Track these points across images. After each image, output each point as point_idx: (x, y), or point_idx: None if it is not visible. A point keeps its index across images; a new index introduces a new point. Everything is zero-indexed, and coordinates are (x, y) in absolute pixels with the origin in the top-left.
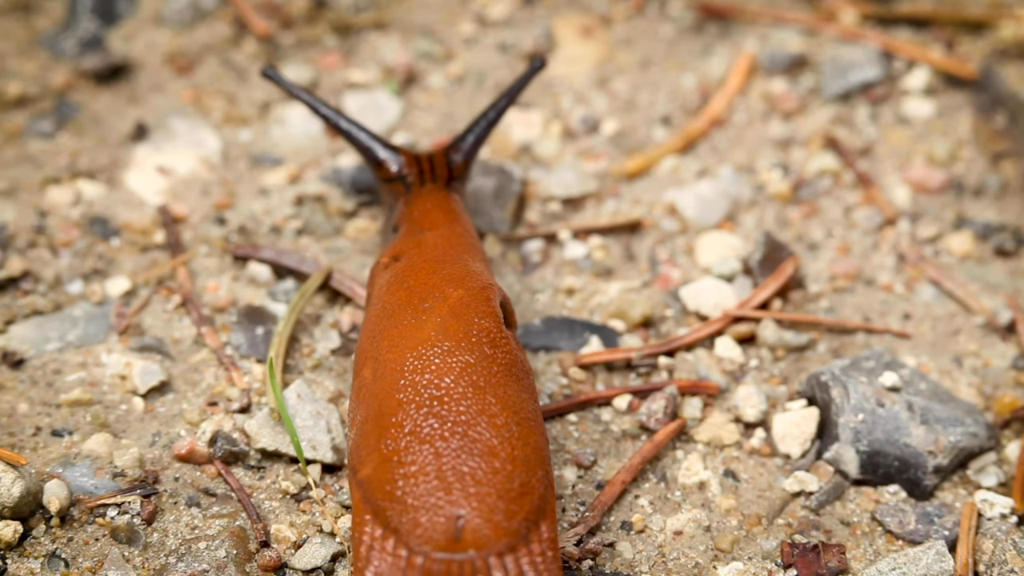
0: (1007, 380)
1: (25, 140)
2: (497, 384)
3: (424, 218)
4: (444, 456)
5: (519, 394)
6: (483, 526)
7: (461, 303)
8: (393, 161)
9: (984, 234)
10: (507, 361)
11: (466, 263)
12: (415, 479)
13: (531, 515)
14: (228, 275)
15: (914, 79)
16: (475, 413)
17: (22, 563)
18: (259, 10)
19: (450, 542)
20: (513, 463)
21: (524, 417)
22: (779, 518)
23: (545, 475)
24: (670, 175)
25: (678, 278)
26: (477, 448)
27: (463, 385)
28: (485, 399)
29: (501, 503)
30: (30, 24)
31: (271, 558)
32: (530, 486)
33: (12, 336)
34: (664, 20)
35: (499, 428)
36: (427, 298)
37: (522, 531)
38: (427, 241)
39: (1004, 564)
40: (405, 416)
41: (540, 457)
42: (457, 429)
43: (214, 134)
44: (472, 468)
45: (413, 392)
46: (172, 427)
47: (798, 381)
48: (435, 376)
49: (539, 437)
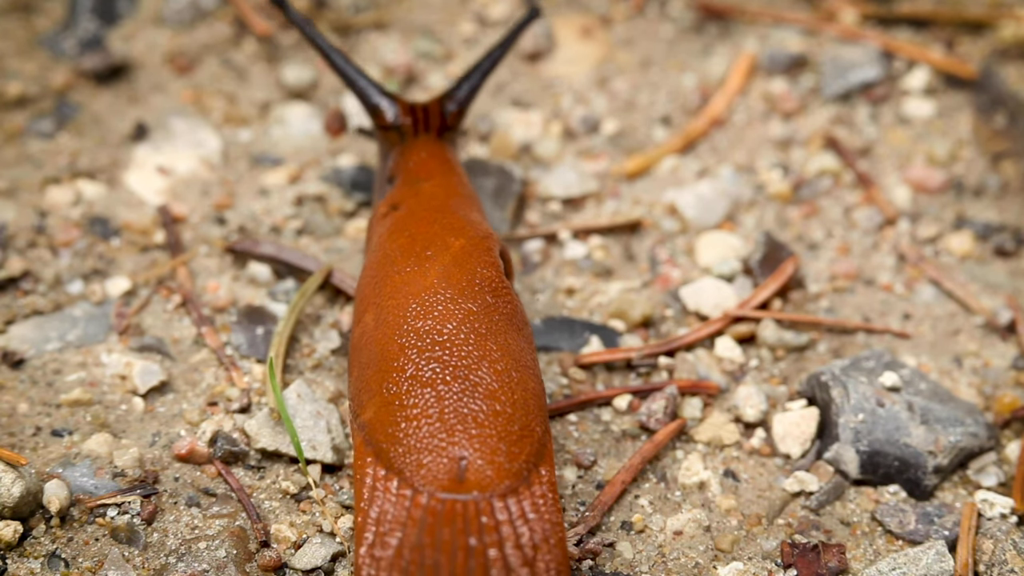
0: (1007, 380)
1: (25, 140)
2: (498, 332)
3: (420, 168)
4: (446, 399)
5: (519, 343)
6: (486, 467)
7: (463, 252)
8: (389, 108)
9: (984, 234)
10: (508, 311)
11: (465, 212)
12: (417, 421)
13: (531, 457)
14: (228, 275)
15: (914, 79)
16: (476, 358)
17: (22, 563)
18: (259, 10)
19: (453, 483)
20: (513, 407)
21: (523, 364)
22: (779, 518)
23: (543, 421)
24: (670, 175)
25: (678, 278)
26: (478, 392)
27: (465, 332)
28: (486, 345)
29: (503, 445)
30: (30, 24)
31: (271, 558)
32: (530, 429)
33: (12, 336)
34: (664, 20)
35: (499, 373)
36: (429, 246)
37: (523, 473)
38: (425, 191)
39: (1004, 564)
40: (407, 360)
41: (539, 403)
42: (459, 373)
43: (214, 134)
44: (474, 411)
45: (415, 337)
46: (172, 427)
47: (798, 381)
48: (437, 323)
49: (537, 384)
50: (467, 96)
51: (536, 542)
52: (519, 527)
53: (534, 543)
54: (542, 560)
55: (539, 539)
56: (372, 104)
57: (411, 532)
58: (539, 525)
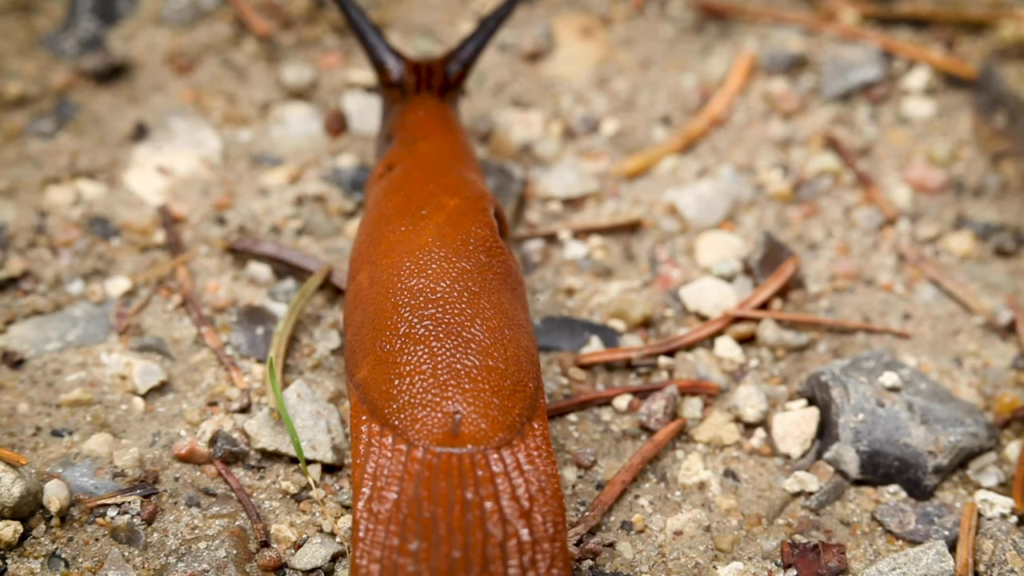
0: (1007, 380)
1: (25, 140)
2: (491, 290)
3: (417, 127)
4: (439, 355)
5: (512, 302)
6: (480, 421)
7: (458, 211)
8: (394, 65)
9: (984, 234)
10: (502, 270)
11: (460, 172)
12: (410, 378)
13: (524, 411)
14: (228, 275)
15: (914, 79)
16: (469, 316)
17: (22, 563)
18: (259, 10)
19: (448, 437)
20: (506, 362)
21: (516, 322)
22: (779, 518)
23: (536, 377)
24: (670, 175)
25: (678, 278)
26: (471, 348)
27: (458, 290)
28: (479, 303)
29: (496, 399)
30: (30, 24)
31: (271, 558)
32: (522, 384)
33: (12, 336)
34: (664, 20)
35: (492, 330)
36: (424, 205)
37: (517, 425)
38: (420, 150)
39: (1004, 564)
40: (400, 319)
41: (531, 360)
42: (452, 330)
43: (214, 134)
44: (467, 366)
45: (409, 296)
46: (172, 427)
47: (798, 381)
48: (430, 281)
49: (530, 342)
50: (471, 55)
51: (532, 493)
52: (515, 479)
53: (530, 494)
54: (539, 511)
55: (535, 490)
56: (378, 60)
57: (408, 486)
58: (534, 476)
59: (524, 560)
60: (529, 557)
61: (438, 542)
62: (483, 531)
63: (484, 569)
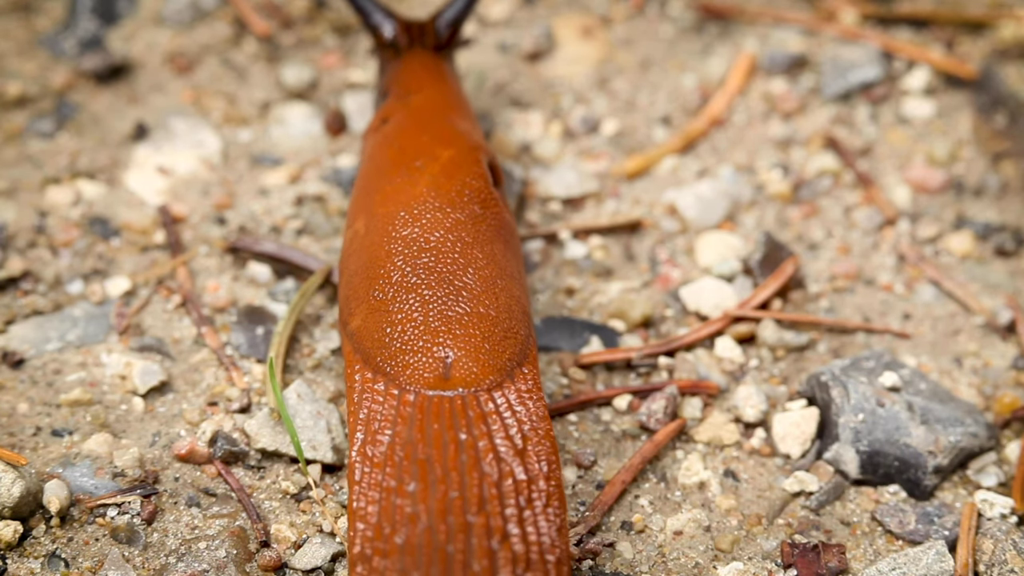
0: (1007, 380)
1: (25, 140)
2: (485, 241)
3: (411, 80)
4: (431, 303)
5: (505, 253)
6: (471, 365)
7: (452, 163)
8: (387, 26)
9: (984, 234)
10: (496, 222)
11: (454, 123)
12: (402, 325)
13: (515, 356)
14: (228, 275)
15: (914, 79)
16: (462, 265)
17: (22, 563)
18: (259, 10)
19: (439, 380)
20: (497, 310)
21: (509, 273)
22: (779, 518)
23: (528, 326)
24: (670, 175)
25: (678, 278)
26: (463, 296)
27: (451, 240)
28: (472, 253)
29: (486, 344)
30: (30, 24)
31: (271, 558)
32: (513, 331)
33: (12, 336)
34: (664, 20)
35: (485, 279)
36: (418, 156)
37: (507, 369)
38: (414, 103)
39: (1004, 564)
40: (393, 267)
41: (523, 310)
42: (444, 279)
43: (214, 134)
44: (458, 313)
45: (402, 245)
46: (172, 427)
47: (798, 381)
48: (424, 231)
49: (522, 293)
50: (462, 11)
51: (525, 432)
52: (507, 419)
53: (523, 434)
54: (532, 450)
55: (527, 430)
56: (371, 22)
57: (401, 429)
58: (526, 416)
59: (521, 499)
60: (525, 496)
61: (434, 482)
62: (479, 471)
63: (481, 508)
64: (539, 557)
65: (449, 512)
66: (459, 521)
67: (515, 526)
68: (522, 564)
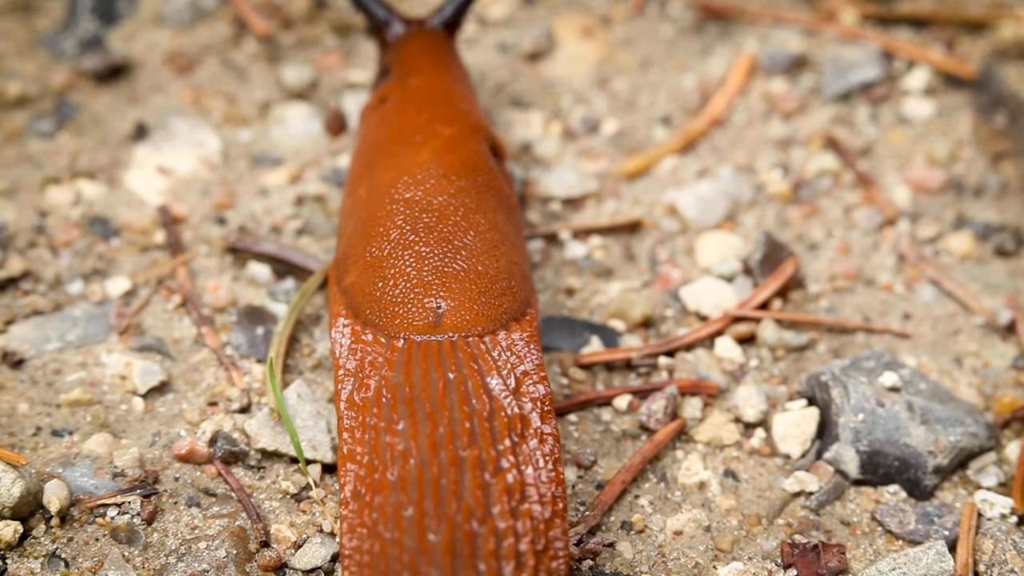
0: (1007, 380)
1: (25, 140)
2: (487, 209)
3: (411, 62)
4: (427, 259)
5: (506, 223)
6: (463, 313)
7: (453, 139)
8: (388, 22)
9: (984, 234)
10: (500, 194)
11: (455, 104)
12: (395, 280)
13: (511, 312)
14: (228, 275)
15: (914, 79)
16: (464, 227)
17: (22, 563)
18: (259, 10)
19: (428, 327)
20: (496, 271)
21: (511, 241)
22: (779, 518)
23: (528, 290)
24: (670, 175)
25: (678, 278)
26: (462, 255)
27: (455, 204)
28: (474, 218)
29: (482, 297)
30: (30, 24)
31: (271, 558)
32: (512, 290)
33: (12, 336)
34: (664, 20)
35: (486, 242)
36: (418, 133)
37: (502, 320)
38: (413, 84)
39: (1004, 564)
40: (393, 225)
41: (523, 275)
42: (443, 238)
43: (214, 134)
44: (455, 270)
45: (404, 205)
46: (172, 427)
47: (798, 381)
48: (427, 194)
49: (523, 261)
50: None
51: (518, 375)
52: (499, 360)
53: (516, 376)
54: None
55: (520, 372)
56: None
57: (389, 374)
58: (519, 360)
59: (513, 435)
60: (518, 432)
61: (424, 419)
62: (468, 406)
63: (472, 443)
64: (535, 490)
65: (441, 447)
66: (451, 455)
67: (508, 460)
68: (517, 495)
